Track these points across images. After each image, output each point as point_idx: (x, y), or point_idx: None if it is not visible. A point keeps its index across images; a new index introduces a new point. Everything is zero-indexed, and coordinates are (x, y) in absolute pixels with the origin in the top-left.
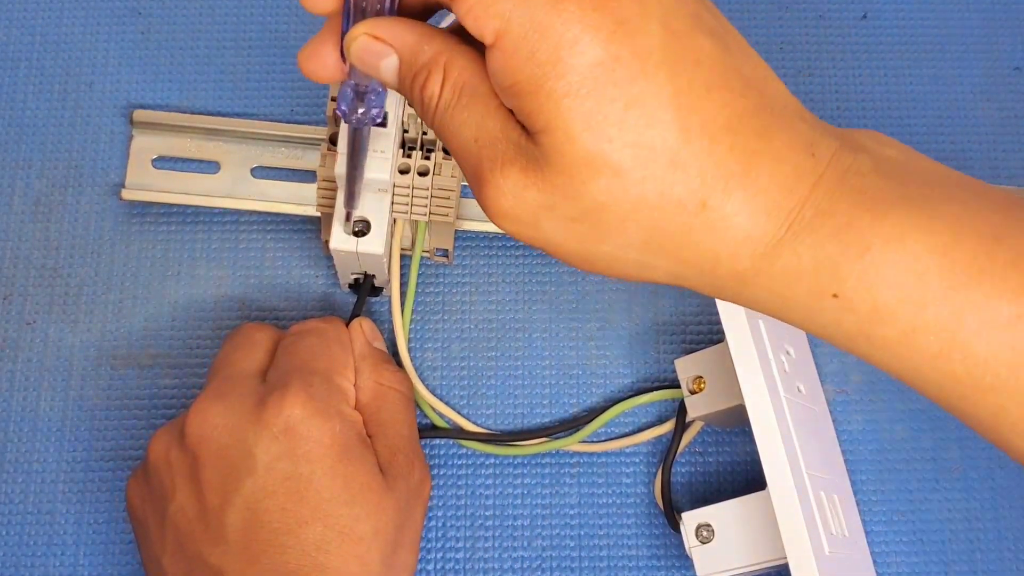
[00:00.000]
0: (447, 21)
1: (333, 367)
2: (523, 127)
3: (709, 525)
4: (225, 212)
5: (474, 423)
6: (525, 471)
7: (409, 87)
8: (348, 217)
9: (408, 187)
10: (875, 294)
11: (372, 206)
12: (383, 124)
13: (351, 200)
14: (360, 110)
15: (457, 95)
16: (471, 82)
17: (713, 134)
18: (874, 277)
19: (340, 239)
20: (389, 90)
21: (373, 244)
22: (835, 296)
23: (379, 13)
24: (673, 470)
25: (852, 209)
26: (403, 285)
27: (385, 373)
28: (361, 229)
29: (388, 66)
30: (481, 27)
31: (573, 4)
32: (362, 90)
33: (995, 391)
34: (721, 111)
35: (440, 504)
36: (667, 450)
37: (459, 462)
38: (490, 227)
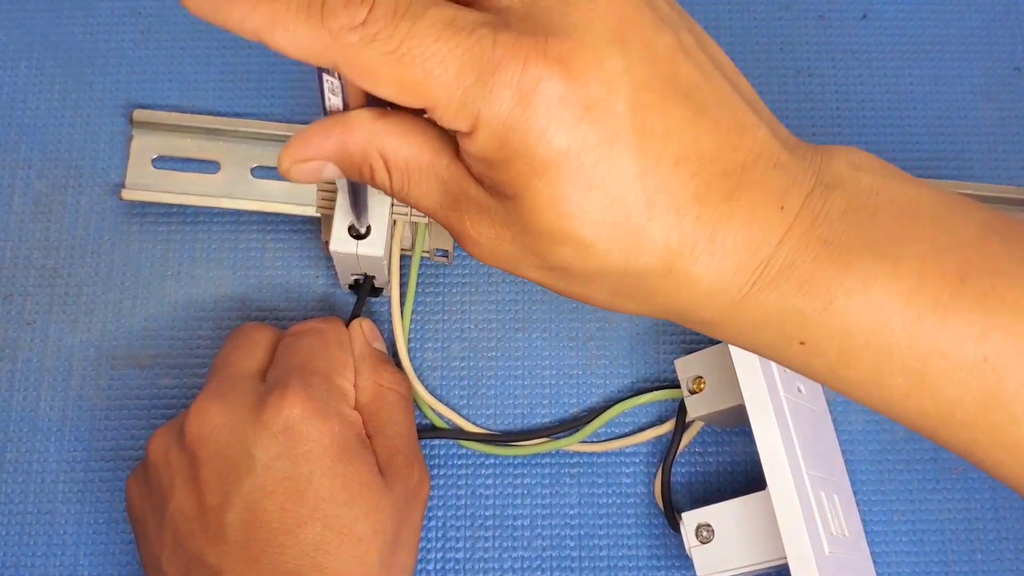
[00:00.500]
0: None
1: (332, 367)
2: (488, 190)
3: (709, 525)
4: (225, 212)
5: (474, 423)
6: (525, 471)
7: (361, 180)
8: (358, 235)
9: None
10: (840, 342)
11: (372, 209)
12: None
13: (360, 217)
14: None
15: (407, 177)
16: (415, 161)
17: (679, 206)
18: (839, 326)
19: (340, 241)
20: None
21: (373, 246)
22: (802, 343)
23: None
24: (673, 470)
25: (816, 261)
26: (403, 285)
27: (384, 374)
28: (361, 231)
29: (330, 173)
30: (452, 125)
31: (540, 100)
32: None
33: (966, 427)
34: (689, 182)
35: (440, 504)
36: (667, 450)
37: (459, 462)
38: None
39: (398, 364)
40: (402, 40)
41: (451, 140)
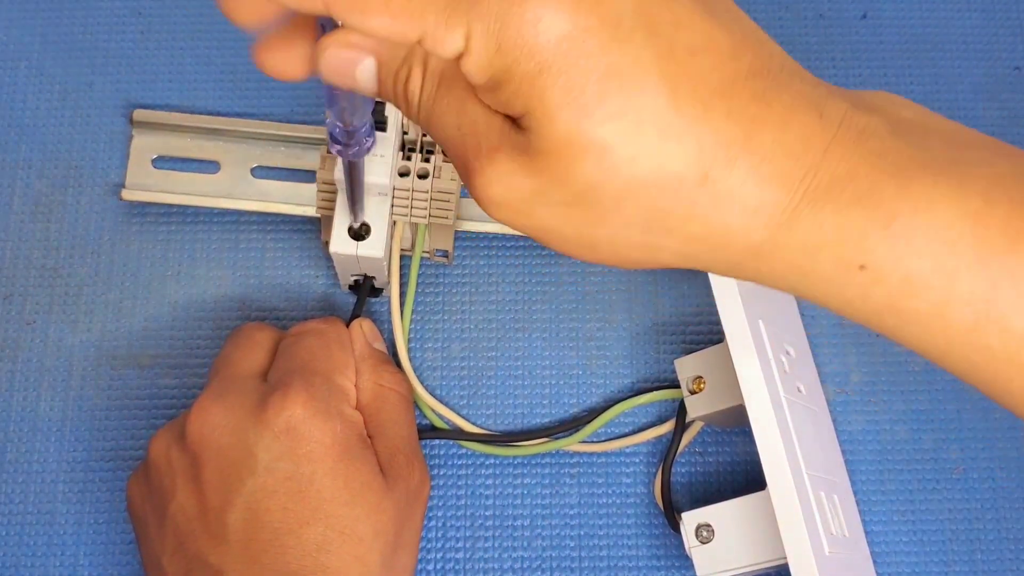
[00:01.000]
0: None
1: (334, 367)
2: (509, 118)
3: (709, 525)
4: (225, 212)
5: (474, 423)
6: (525, 471)
7: (392, 87)
8: (358, 235)
9: (408, 190)
10: (906, 264)
11: (372, 209)
12: (383, 128)
13: (356, 214)
14: (352, 149)
15: (436, 84)
16: (448, 71)
17: (706, 100)
18: (904, 246)
19: (340, 242)
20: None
21: (373, 247)
22: (862, 267)
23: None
24: (673, 470)
25: (873, 174)
26: (403, 286)
27: (385, 374)
28: (360, 232)
29: (365, 70)
30: (447, 44)
31: None
32: (349, 128)
33: None
34: (710, 75)
35: (440, 504)
36: (667, 450)
37: (459, 462)
38: (490, 227)
39: (398, 364)
40: None
41: None
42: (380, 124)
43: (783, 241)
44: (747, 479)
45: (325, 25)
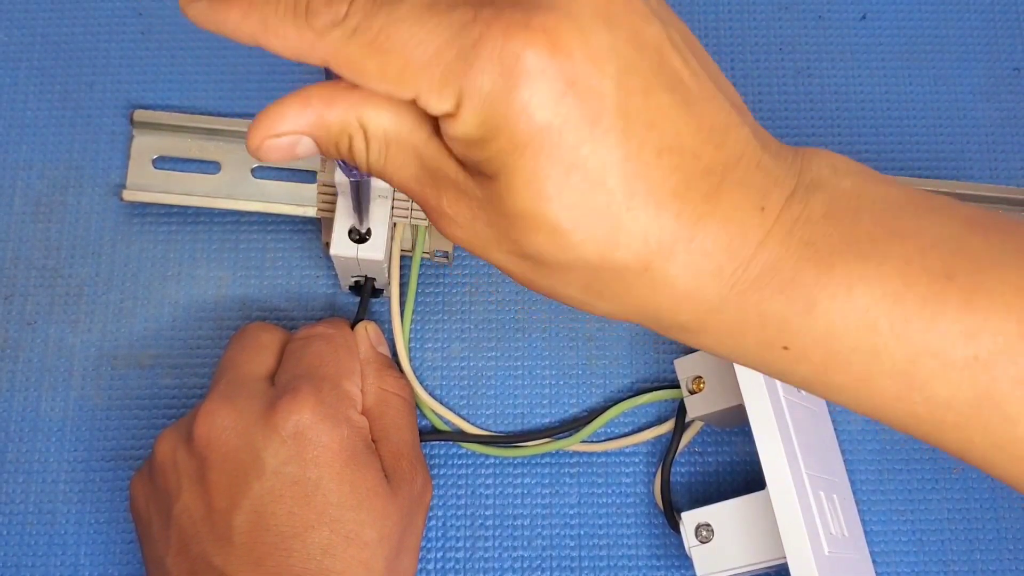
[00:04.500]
0: None
1: (341, 372)
2: (466, 168)
3: (709, 525)
4: (226, 212)
5: (474, 423)
6: (525, 471)
7: (335, 153)
8: (360, 239)
9: None
10: (826, 346)
11: (373, 212)
12: None
13: (362, 221)
14: (361, 175)
15: (385, 149)
16: (393, 131)
17: (660, 200)
18: (823, 330)
19: (341, 244)
20: None
21: (374, 250)
22: (785, 348)
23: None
24: (673, 470)
25: (798, 264)
26: (403, 286)
27: (388, 379)
28: (362, 235)
29: (305, 147)
30: (438, 108)
31: (522, 70)
32: None
33: (960, 428)
34: (670, 176)
35: (441, 504)
36: (667, 450)
37: (459, 462)
38: None
39: (398, 364)
40: (381, 28)
41: (431, 116)
42: None
43: (711, 323)
44: (747, 479)
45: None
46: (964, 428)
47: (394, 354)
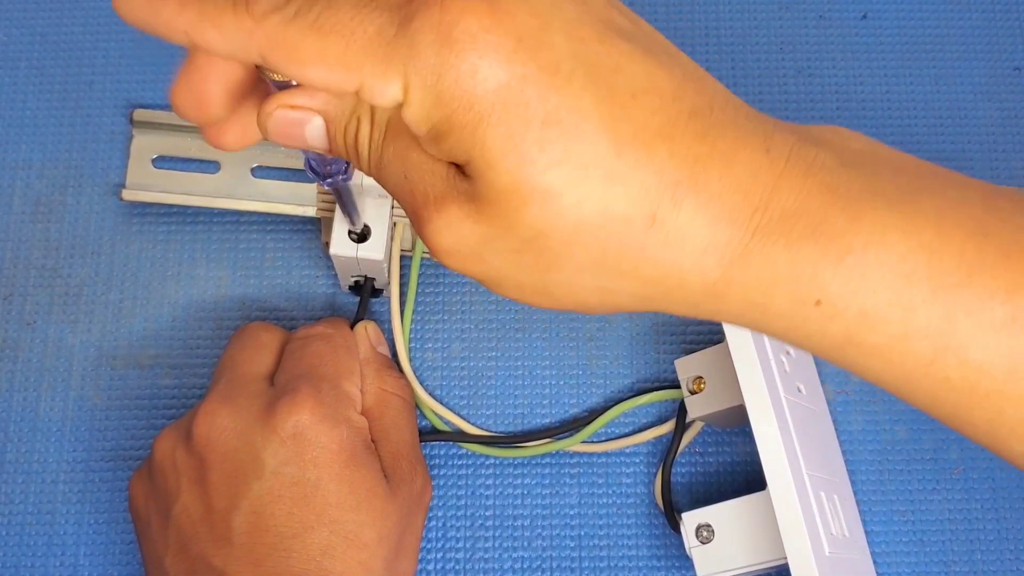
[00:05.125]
0: None
1: (341, 373)
2: (453, 166)
3: (709, 525)
4: (225, 212)
5: (474, 423)
6: (525, 472)
7: (342, 142)
8: (360, 238)
9: None
10: (862, 299)
11: (372, 212)
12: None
13: (354, 222)
14: (328, 179)
15: (383, 135)
16: (394, 120)
17: (648, 142)
18: (859, 281)
19: (340, 244)
20: None
21: (373, 250)
22: (818, 303)
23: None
24: (673, 470)
25: (824, 208)
26: (403, 286)
27: (388, 379)
28: (361, 235)
29: (314, 129)
30: (385, 95)
31: (464, 34)
32: (325, 160)
33: (991, 396)
34: (652, 117)
35: (440, 505)
36: (667, 450)
37: (459, 463)
38: None
39: (398, 364)
40: (321, 11)
41: None
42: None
43: (737, 279)
44: (747, 479)
45: (280, 87)
46: (998, 396)
47: (394, 354)
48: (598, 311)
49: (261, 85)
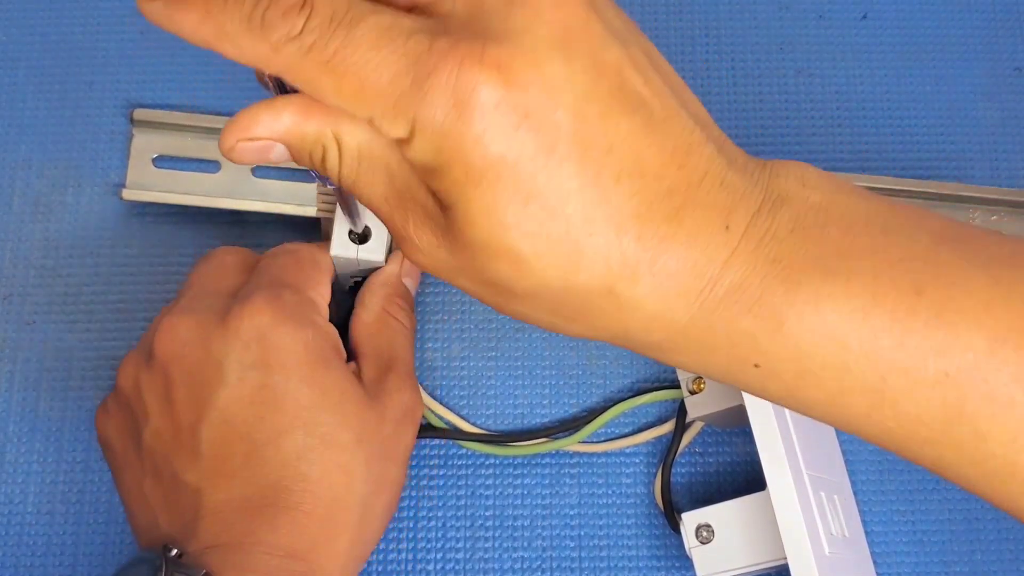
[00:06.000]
0: None
1: (305, 282)
2: (433, 194)
3: (709, 525)
4: (225, 212)
5: (474, 423)
6: (525, 471)
7: (309, 164)
8: (360, 239)
9: None
10: (796, 363)
11: (369, 212)
12: None
13: (355, 222)
14: (327, 179)
15: (357, 163)
16: (367, 147)
17: (620, 224)
18: (793, 348)
19: (341, 245)
20: None
21: (374, 251)
22: (757, 366)
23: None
24: (673, 470)
25: (764, 281)
26: None
27: (395, 305)
28: (362, 235)
29: (279, 154)
30: (391, 133)
31: (475, 104)
32: None
33: (931, 444)
34: (630, 200)
35: (440, 504)
36: (667, 450)
37: (459, 462)
38: None
39: None
40: (336, 49)
41: None
42: None
43: (681, 342)
44: (747, 479)
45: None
46: (937, 444)
47: None
48: (551, 331)
49: None
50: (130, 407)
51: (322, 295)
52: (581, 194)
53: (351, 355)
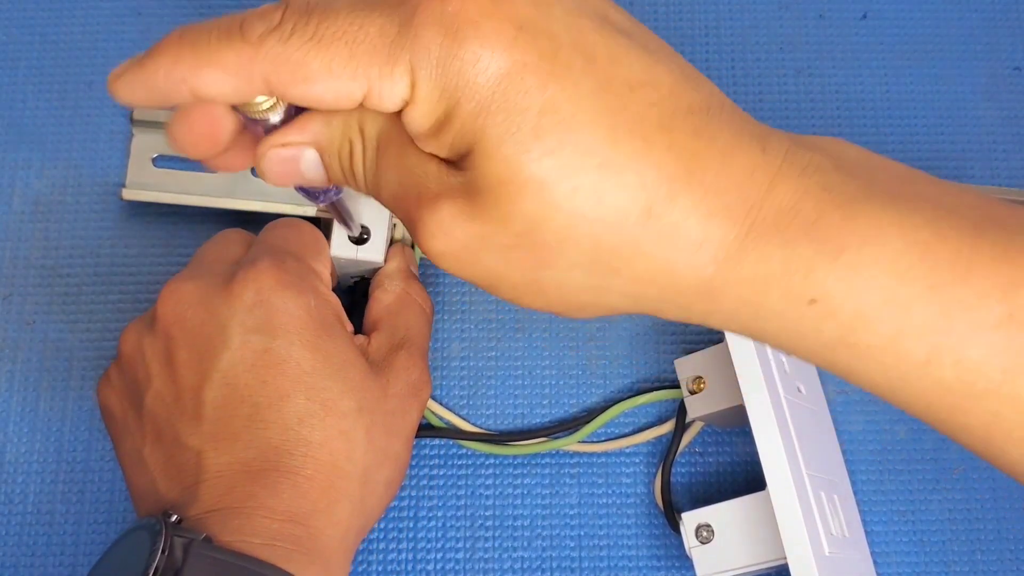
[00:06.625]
0: None
1: (306, 251)
2: (447, 162)
3: (709, 525)
4: (226, 212)
5: (474, 423)
6: (525, 471)
7: (339, 167)
8: (358, 239)
9: None
10: (856, 297)
11: (372, 213)
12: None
13: (350, 228)
14: (321, 197)
15: (376, 149)
16: (384, 129)
17: (645, 134)
18: (854, 279)
19: (341, 246)
20: None
21: (373, 252)
22: (812, 301)
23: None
24: (673, 470)
25: (820, 206)
26: None
27: (414, 286)
28: (362, 236)
29: (309, 162)
30: (393, 94)
31: (467, 24)
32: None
33: (988, 397)
34: (650, 109)
35: (440, 504)
36: (667, 450)
37: (459, 462)
38: None
39: None
40: (318, 23)
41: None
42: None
43: (731, 276)
44: (747, 479)
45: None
46: (994, 397)
47: None
48: (590, 312)
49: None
50: (132, 372)
51: (324, 264)
52: (595, 99)
53: (363, 334)
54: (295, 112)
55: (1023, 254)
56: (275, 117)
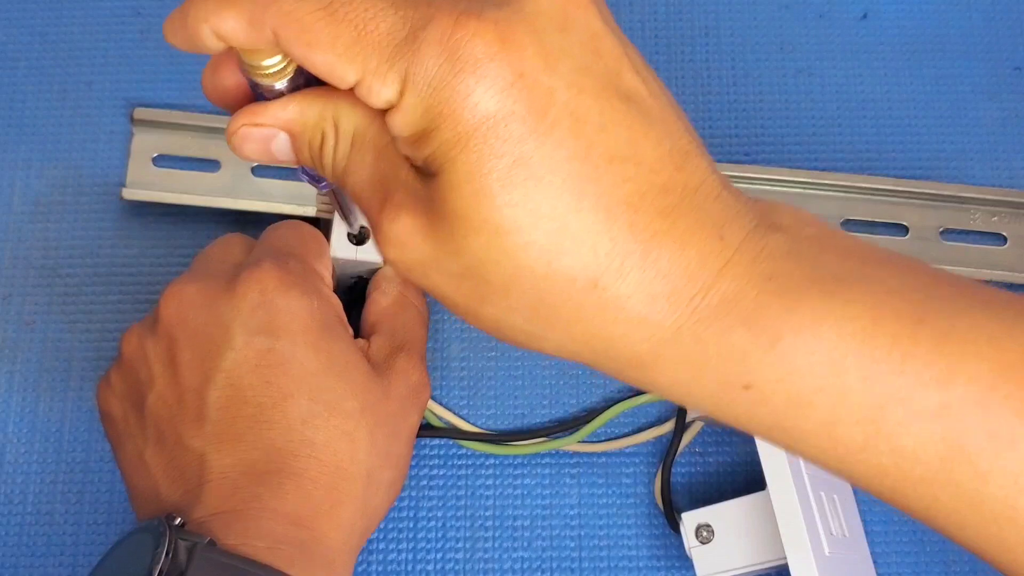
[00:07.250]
0: None
1: (308, 252)
2: (418, 172)
3: (709, 525)
4: (226, 211)
5: (474, 423)
6: (525, 471)
7: (308, 155)
8: (358, 240)
9: None
10: (789, 385)
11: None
12: None
13: (351, 223)
14: (323, 182)
15: (350, 144)
16: (360, 131)
17: (610, 208)
18: (788, 367)
19: (340, 246)
20: None
21: (373, 252)
22: (747, 387)
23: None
24: (673, 470)
25: (761, 296)
26: None
27: (412, 290)
28: (360, 237)
29: (280, 146)
30: (381, 94)
31: (469, 56)
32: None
33: (926, 483)
34: (622, 185)
35: (440, 504)
36: (667, 450)
37: (459, 462)
38: None
39: None
40: None
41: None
42: None
43: (666, 356)
44: (747, 479)
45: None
46: (932, 484)
47: None
48: (522, 348)
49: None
50: (134, 374)
51: (325, 266)
52: (570, 165)
53: (361, 336)
54: (303, 84)
55: (963, 341)
56: (280, 84)
